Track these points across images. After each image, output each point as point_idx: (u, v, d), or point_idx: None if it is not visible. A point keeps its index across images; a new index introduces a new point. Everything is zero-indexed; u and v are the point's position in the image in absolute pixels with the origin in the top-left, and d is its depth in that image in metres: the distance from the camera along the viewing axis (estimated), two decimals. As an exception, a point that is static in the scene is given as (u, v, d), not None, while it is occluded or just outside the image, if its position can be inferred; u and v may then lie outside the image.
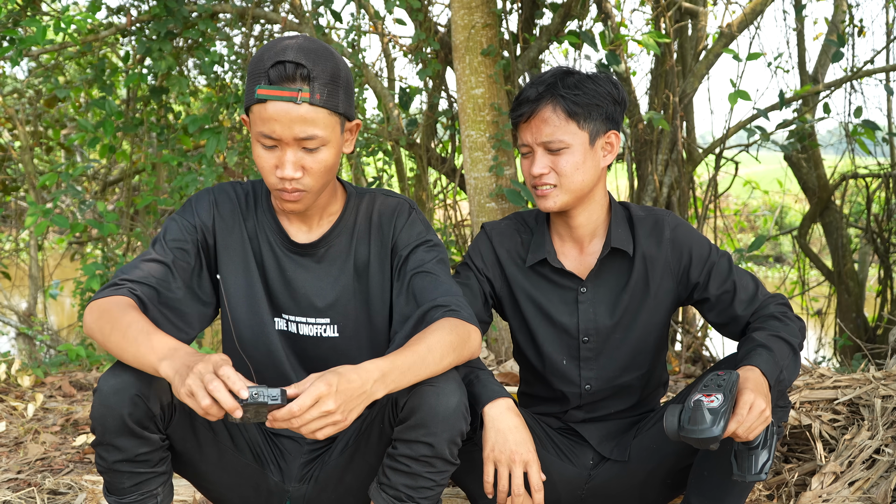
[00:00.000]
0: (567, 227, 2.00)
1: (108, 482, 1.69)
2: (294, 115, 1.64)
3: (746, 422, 1.63)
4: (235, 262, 1.84)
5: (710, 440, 1.60)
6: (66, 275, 6.56)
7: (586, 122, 1.88)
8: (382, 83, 4.57)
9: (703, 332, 4.40)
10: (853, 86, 4.79)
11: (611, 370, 2.02)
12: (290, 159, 1.68)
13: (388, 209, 1.87)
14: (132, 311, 1.62)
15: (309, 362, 1.89)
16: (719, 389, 1.63)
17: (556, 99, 1.87)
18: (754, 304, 1.93)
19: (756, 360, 1.76)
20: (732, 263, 1.99)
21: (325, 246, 1.85)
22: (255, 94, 1.64)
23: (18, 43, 4.11)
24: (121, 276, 1.72)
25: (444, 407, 1.61)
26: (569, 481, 2.02)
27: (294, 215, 1.84)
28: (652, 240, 1.98)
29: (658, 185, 4.09)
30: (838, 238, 5.15)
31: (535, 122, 1.89)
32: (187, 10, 4.37)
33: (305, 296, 1.85)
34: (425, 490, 1.65)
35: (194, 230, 1.81)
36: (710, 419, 1.59)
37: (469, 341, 1.68)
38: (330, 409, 1.41)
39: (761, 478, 1.71)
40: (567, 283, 2.00)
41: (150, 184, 5.11)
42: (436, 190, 5.15)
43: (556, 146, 1.88)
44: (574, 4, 3.86)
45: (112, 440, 1.61)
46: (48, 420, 3.28)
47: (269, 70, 1.64)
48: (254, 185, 1.89)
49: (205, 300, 1.82)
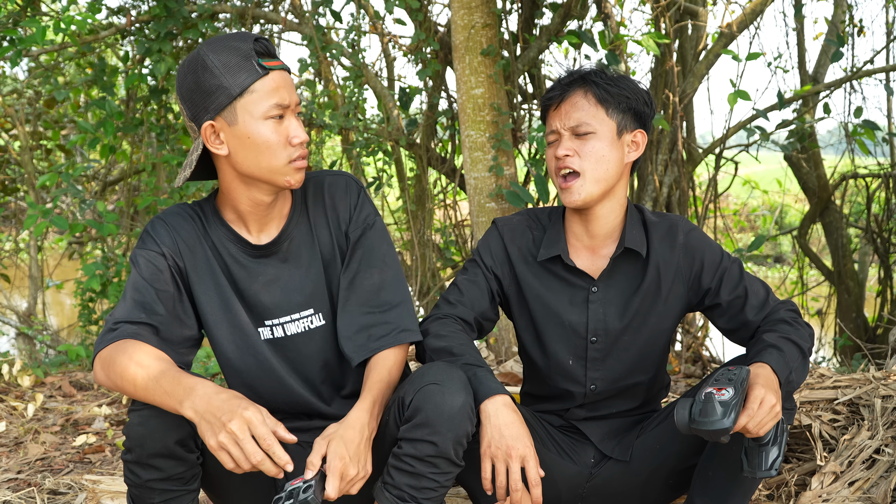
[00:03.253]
0: (584, 226, 1.98)
1: (135, 495, 1.68)
2: (289, 79, 1.73)
3: (757, 416, 1.63)
4: (206, 281, 1.83)
5: (720, 432, 1.59)
6: (66, 275, 6.56)
7: (615, 112, 1.90)
8: (382, 83, 4.57)
9: (704, 332, 4.40)
10: (853, 86, 4.79)
11: (617, 372, 2.02)
12: (298, 123, 1.73)
13: (339, 187, 1.89)
14: (136, 355, 1.60)
15: (302, 363, 1.88)
16: (730, 383, 1.63)
17: (587, 84, 1.90)
18: (765, 309, 1.93)
19: (766, 358, 1.76)
20: (743, 269, 1.98)
21: (287, 239, 1.85)
22: (260, 67, 1.67)
23: (18, 43, 4.11)
24: (112, 321, 1.71)
25: (450, 406, 1.62)
26: (570, 480, 2.02)
27: (254, 216, 1.82)
28: (665, 244, 1.97)
29: (658, 185, 4.09)
30: (838, 238, 5.15)
31: (564, 107, 1.91)
32: (187, 10, 4.37)
33: (283, 293, 1.85)
34: (428, 491, 1.66)
35: (163, 257, 1.80)
36: (720, 411, 1.59)
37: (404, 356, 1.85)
38: (353, 474, 1.58)
39: (771, 474, 1.71)
40: (578, 281, 1.99)
41: (150, 184, 5.10)
42: (436, 190, 5.15)
43: (583, 130, 1.89)
44: (574, 4, 3.86)
45: (150, 461, 1.61)
46: (48, 420, 3.28)
47: (253, 48, 1.68)
48: (201, 204, 1.87)
49: (189, 324, 1.81)
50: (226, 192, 1.81)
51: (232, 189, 1.79)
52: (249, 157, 1.71)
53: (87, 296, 4.82)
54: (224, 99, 1.67)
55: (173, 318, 1.76)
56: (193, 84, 1.68)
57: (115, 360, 1.61)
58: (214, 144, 1.72)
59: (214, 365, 3.71)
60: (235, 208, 1.82)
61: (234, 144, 1.71)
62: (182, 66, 1.72)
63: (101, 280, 4.53)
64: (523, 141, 4.14)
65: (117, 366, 1.60)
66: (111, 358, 1.62)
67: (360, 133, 4.47)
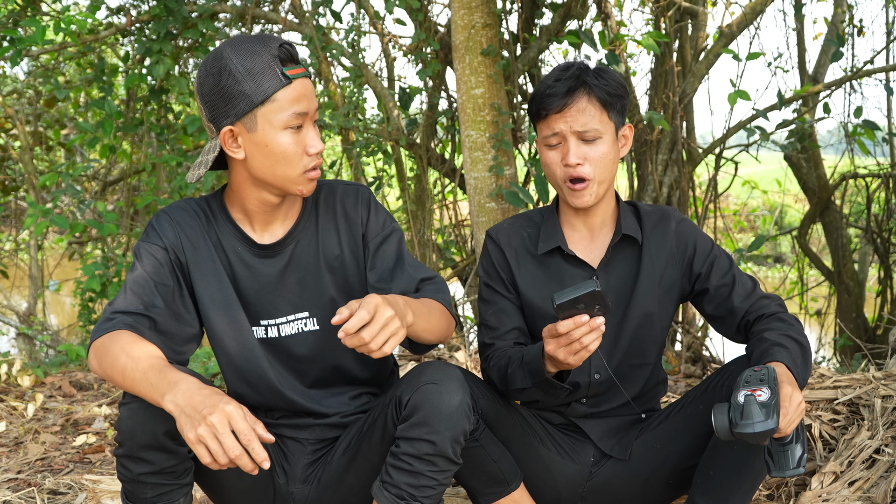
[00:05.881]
0: (581, 219, 2.02)
1: (128, 490, 1.68)
2: (310, 87, 1.72)
3: (790, 415, 1.63)
4: (208, 276, 1.83)
5: (766, 434, 1.57)
6: (66, 275, 6.55)
7: (613, 113, 1.93)
8: (382, 83, 4.57)
9: (704, 332, 4.40)
10: (853, 86, 4.78)
11: (619, 359, 2.03)
12: (315, 132, 1.73)
13: (351, 197, 1.89)
14: (128, 346, 1.60)
15: (294, 364, 1.88)
16: (762, 384, 1.61)
17: (590, 89, 1.90)
18: (751, 298, 1.96)
19: (777, 356, 1.76)
20: (732, 261, 2.02)
21: (293, 242, 1.85)
22: (283, 76, 1.66)
23: (18, 43, 4.11)
24: (111, 310, 1.71)
25: (447, 405, 1.62)
26: (570, 479, 2.03)
27: (260, 215, 1.83)
28: (659, 231, 2.02)
29: (658, 185, 4.09)
30: (838, 238, 5.14)
31: (570, 112, 1.90)
32: (187, 10, 4.37)
33: (281, 294, 1.85)
34: (427, 489, 1.66)
35: (165, 251, 1.80)
36: (763, 413, 1.57)
37: (450, 323, 1.81)
38: (389, 315, 1.50)
39: (800, 471, 1.69)
40: (578, 271, 2.01)
41: (149, 184, 5.11)
42: (436, 190, 5.15)
43: (591, 136, 1.90)
44: (574, 4, 3.86)
45: (140, 454, 1.61)
46: (48, 420, 3.28)
47: (278, 54, 1.66)
48: (207, 199, 1.88)
49: (189, 320, 1.81)
50: (236, 190, 1.82)
51: (242, 189, 1.80)
52: (265, 164, 1.72)
53: (87, 296, 4.82)
54: (245, 106, 1.67)
55: (172, 312, 1.77)
56: (215, 87, 1.67)
57: (108, 349, 1.62)
58: (231, 148, 1.72)
59: (214, 365, 3.71)
60: (243, 207, 1.83)
61: (252, 150, 1.71)
62: (204, 66, 1.71)
63: (101, 280, 4.53)
64: (523, 141, 4.14)
65: (109, 355, 1.60)
66: (104, 347, 1.63)
67: (360, 133, 4.46)
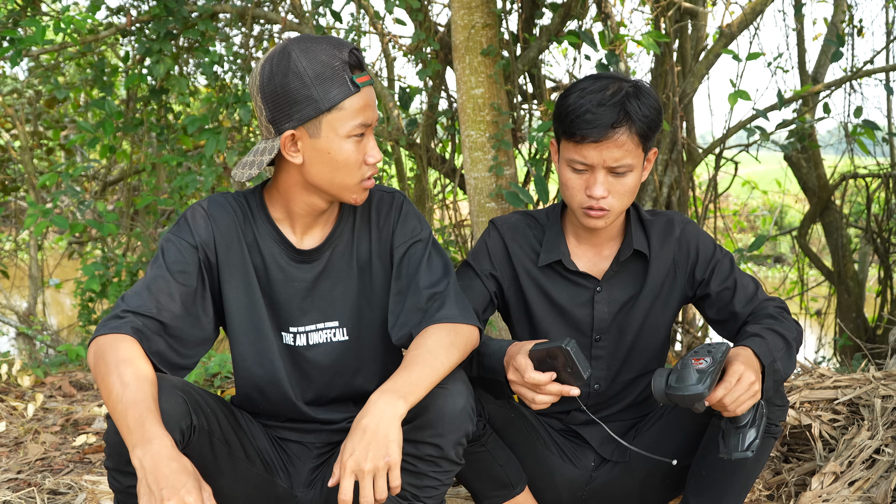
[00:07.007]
0: (589, 232, 1.97)
1: (120, 501, 1.64)
2: (374, 95, 1.69)
3: (735, 391, 1.64)
4: (237, 278, 1.77)
5: (694, 397, 1.61)
6: (66, 275, 6.56)
7: (647, 144, 1.85)
8: (382, 83, 4.57)
9: (704, 332, 4.40)
10: (853, 86, 4.78)
11: (620, 370, 2.02)
12: (374, 142, 1.70)
13: (385, 203, 1.84)
14: (122, 366, 1.53)
15: (313, 376, 1.84)
16: (708, 354, 1.65)
17: (632, 122, 1.79)
18: (753, 302, 1.94)
19: (748, 343, 1.76)
20: (734, 264, 2.00)
21: (331, 248, 1.81)
22: (352, 83, 1.63)
23: (18, 43, 4.11)
24: (122, 306, 1.64)
25: (452, 408, 1.61)
26: (570, 482, 2.03)
27: (304, 219, 1.78)
28: (663, 240, 1.98)
29: (658, 185, 4.09)
30: (838, 238, 5.15)
31: (607, 146, 1.79)
32: (187, 10, 4.37)
33: (314, 302, 1.81)
34: (430, 489, 1.66)
35: (195, 250, 1.73)
36: (696, 377, 1.61)
37: (469, 338, 1.71)
38: (370, 467, 1.47)
39: (747, 455, 1.72)
40: (582, 282, 1.98)
41: (149, 184, 5.10)
42: (436, 190, 5.15)
43: (622, 170, 1.82)
44: (574, 4, 3.86)
45: (128, 468, 1.53)
46: (48, 420, 3.28)
47: (348, 59, 1.63)
48: (246, 196, 1.81)
49: (205, 323, 1.74)
50: (282, 192, 1.75)
51: (291, 192, 1.74)
52: (324, 171, 1.67)
53: (87, 296, 4.82)
54: (311, 112, 1.62)
55: (188, 315, 1.70)
56: (280, 88, 1.61)
57: (104, 356, 1.56)
58: (290, 152, 1.66)
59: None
60: (287, 209, 1.77)
61: (311, 156, 1.66)
62: (269, 64, 1.64)
63: (101, 280, 4.53)
64: (523, 141, 4.14)
65: (103, 364, 1.55)
66: (103, 352, 1.57)
67: (359, 133, 4.46)
